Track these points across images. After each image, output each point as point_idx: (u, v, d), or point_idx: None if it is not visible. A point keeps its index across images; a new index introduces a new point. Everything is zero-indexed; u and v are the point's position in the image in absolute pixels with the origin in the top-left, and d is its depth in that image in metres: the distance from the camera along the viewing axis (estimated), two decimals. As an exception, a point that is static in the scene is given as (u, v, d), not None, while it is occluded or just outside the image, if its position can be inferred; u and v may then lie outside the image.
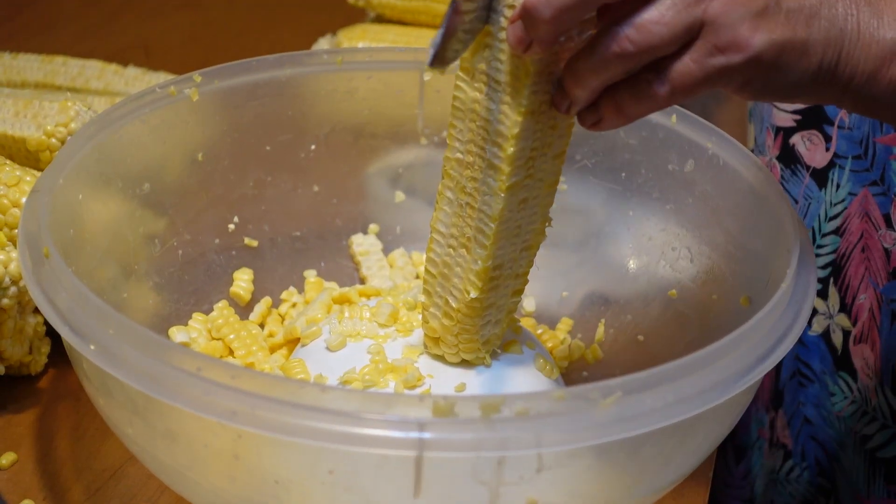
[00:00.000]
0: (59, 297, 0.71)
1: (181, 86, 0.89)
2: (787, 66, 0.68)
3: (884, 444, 0.98)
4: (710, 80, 0.67)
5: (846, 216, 0.96)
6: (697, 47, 0.66)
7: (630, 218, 0.94)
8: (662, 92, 0.67)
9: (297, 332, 0.86)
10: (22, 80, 1.20)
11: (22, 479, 0.84)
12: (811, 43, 0.68)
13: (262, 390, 0.64)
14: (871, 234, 0.94)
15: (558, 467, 0.69)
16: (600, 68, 0.67)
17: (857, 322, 0.97)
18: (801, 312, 0.74)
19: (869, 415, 0.97)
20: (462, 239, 0.76)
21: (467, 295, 0.77)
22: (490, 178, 0.73)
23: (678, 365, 0.67)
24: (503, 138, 0.72)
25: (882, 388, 0.96)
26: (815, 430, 1.02)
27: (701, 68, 0.66)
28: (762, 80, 0.68)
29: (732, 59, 0.66)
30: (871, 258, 0.95)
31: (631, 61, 0.66)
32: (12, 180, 0.89)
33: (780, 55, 0.67)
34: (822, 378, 1.00)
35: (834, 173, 0.96)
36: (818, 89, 0.70)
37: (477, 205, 0.75)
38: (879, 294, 0.95)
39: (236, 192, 0.95)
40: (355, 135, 0.97)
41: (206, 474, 0.71)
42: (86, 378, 0.74)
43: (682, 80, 0.66)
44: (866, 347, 0.96)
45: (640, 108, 0.68)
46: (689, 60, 0.66)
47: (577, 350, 0.93)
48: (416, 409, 0.64)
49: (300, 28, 1.49)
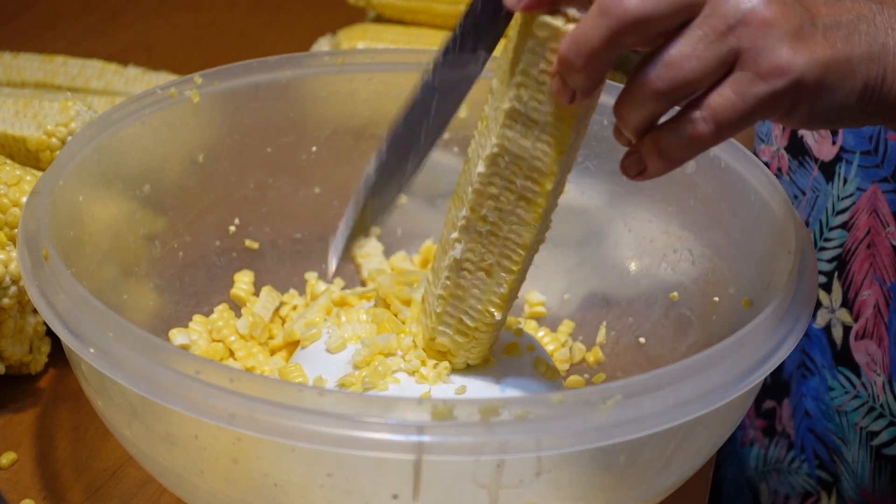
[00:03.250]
0: (57, 299, 0.71)
1: (182, 87, 0.89)
2: (832, 86, 0.65)
3: (890, 440, 0.98)
4: (755, 111, 0.64)
5: (854, 211, 0.95)
6: (737, 78, 0.64)
7: (632, 220, 0.94)
8: (706, 130, 0.64)
9: (297, 334, 0.86)
10: (22, 79, 1.20)
11: (22, 478, 0.84)
12: (854, 60, 0.66)
13: (260, 393, 0.64)
14: (878, 231, 0.94)
15: (558, 471, 0.69)
16: (637, 109, 0.65)
17: (858, 318, 0.96)
18: (803, 315, 0.74)
19: (876, 411, 0.97)
20: (482, 264, 0.76)
21: (491, 316, 0.77)
22: (521, 209, 0.73)
23: (678, 368, 0.67)
24: (541, 174, 0.71)
25: (890, 385, 0.95)
26: (814, 423, 1.02)
27: (744, 100, 0.64)
28: (809, 104, 0.65)
29: (776, 84, 0.64)
30: (878, 255, 0.94)
31: (665, 100, 0.64)
32: (12, 180, 0.89)
33: (825, 75, 0.65)
34: (822, 372, 1.00)
35: (840, 167, 0.96)
36: (866, 110, 0.67)
37: (502, 234, 0.75)
38: (887, 291, 0.94)
39: (237, 193, 0.95)
40: (357, 136, 0.97)
41: (204, 477, 0.71)
42: (84, 380, 0.74)
43: (727, 114, 0.64)
44: (871, 343, 0.96)
45: (684, 150, 0.66)
46: (731, 93, 0.64)
47: (579, 352, 0.93)
48: (415, 412, 0.64)
49: (300, 28, 1.49)
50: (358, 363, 0.79)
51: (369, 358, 0.79)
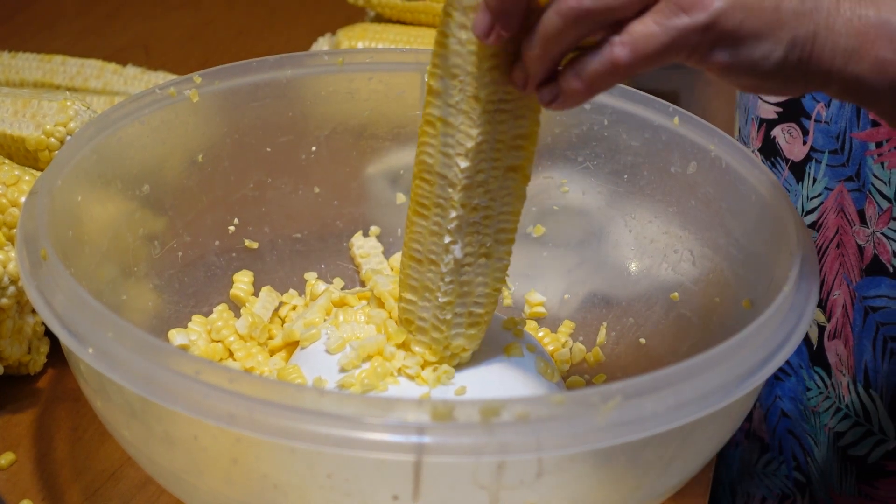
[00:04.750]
0: (56, 299, 0.71)
1: (181, 87, 0.89)
2: (755, 33, 0.65)
3: (855, 441, 0.98)
4: (673, 43, 0.65)
5: (822, 211, 0.96)
6: (659, 8, 0.65)
7: (632, 220, 0.93)
8: (623, 55, 0.65)
9: (296, 334, 0.86)
10: (21, 79, 1.20)
11: (21, 479, 0.84)
12: (783, 11, 0.66)
13: (260, 394, 0.64)
14: (845, 230, 0.94)
15: (558, 471, 0.69)
16: (559, 32, 0.66)
17: (831, 317, 0.97)
18: (804, 316, 0.74)
19: (842, 411, 0.97)
20: (481, 251, 0.78)
21: (497, 293, 0.79)
22: (511, 179, 0.76)
23: (679, 369, 0.67)
24: (524, 138, 0.74)
25: (854, 385, 0.96)
26: (793, 425, 1.01)
27: (664, 30, 0.64)
28: (729, 48, 0.66)
29: (696, 18, 0.64)
30: (846, 254, 0.94)
31: (588, 21, 0.65)
32: (11, 179, 0.89)
33: (747, 19, 0.65)
34: (799, 372, 1.00)
35: (811, 167, 0.96)
36: (798, 69, 0.67)
37: (495, 212, 0.76)
38: (853, 291, 0.95)
39: (236, 193, 0.95)
40: (356, 136, 0.97)
41: (203, 478, 0.71)
42: (83, 380, 0.74)
43: (644, 42, 0.65)
44: (839, 343, 0.96)
45: (600, 75, 0.66)
46: (651, 21, 0.65)
47: (579, 353, 0.93)
48: (416, 413, 0.63)
49: (300, 27, 1.50)
50: (344, 365, 0.79)
51: (356, 361, 0.79)
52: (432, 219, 0.77)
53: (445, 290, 0.78)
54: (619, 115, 0.92)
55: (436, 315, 0.79)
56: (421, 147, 0.76)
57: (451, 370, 0.80)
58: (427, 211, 0.77)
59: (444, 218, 0.76)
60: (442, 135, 0.74)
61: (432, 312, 0.79)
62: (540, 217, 0.97)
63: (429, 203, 0.76)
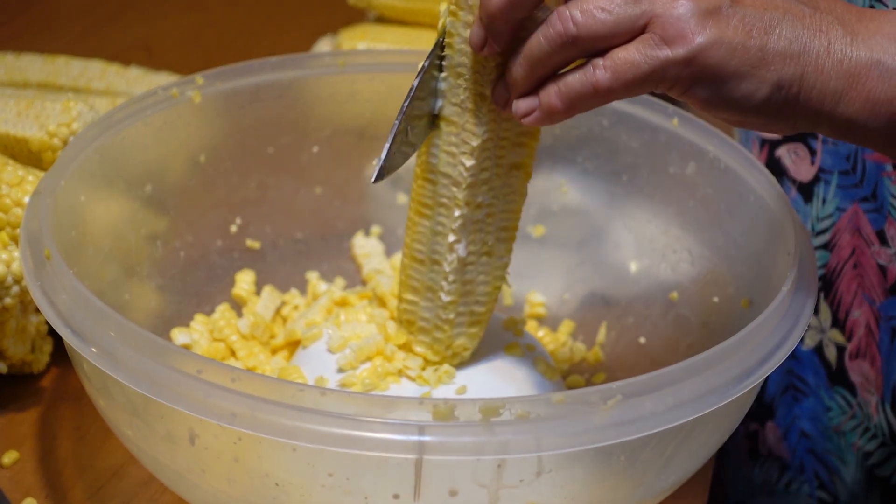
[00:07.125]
0: (59, 298, 0.71)
1: (183, 88, 0.89)
2: (738, 72, 0.66)
3: (882, 461, 0.97)
4: (654, 73, 0.66)
5: (835, 231, 0.95)
6: (644, 39, 0.66)
7: (631, 220, 0.94)
8: (604, 78, 0.66)
9: (298, 334, 0.86)
10: (24, 80, 1.20)
11: (24, 477, 0.84)
12: (769, 52, 0.66)
13: (262, 393, 0.64)
14: (863, 251, 0.93)
15: (558, 470, 0.69)
16: (545, 56, 0.67)
17: (852, 337, 0.96)
18: (802, 315, 0.74)
19: (870, 431, 0.97)
20: (483, 249, 0.78)
21: (497, 291, 0.80)
22: (514, 176, 0.77)
23: (678, 368, 0.67)
24: (528, 136, 0.75)
25: (883, 405, 0.95)
26: (813, 444, 1.01)
27: (645, 60, 0.65)
28: (710, 85, 0.66)
29: (676, 51, 0.65)
30: (865, 274, 0.93)
31: (574, 48, 0.66)
32: (15, 180, 0.89)
33: (730, 58, 0.65)
34: (818, 392, 0.99)
35: (819, 188, 0.95)
36: (786, 110, 0.68)
37: (498, 209, 0.77)
38: (877, 311, 0.94)
39: (238, 193, 0.95)
40: (357, 137, 0.97)
41: (205, 476, 0.71)
42: (86, 379, 0.74)
43: (626, 69, 0.66)
44: (865, 363, 0.95)
45: (580, 96, 0.67)
46: (634, 49, 0.66)
47: (579, 353, 0.94)
48: (417, 412, 0.64)
49: (301, 28, 1.49)
50: (343, 366, 0.80)
51: (354, 363, 0.80)
52: (435, 218, 0.77)
53: (449, 290, 0.78)
54: (619, 116, 0.92)
55: (438, 315, 0.79)
56: (423, 147, 0.76)
57: (452, 370, 0.80)
58: (430, 211, 0.77)
59: (448, 217, 0.77)
60: (446, 134, 0.75)
61: (435, 312, 0.79)
62: (540, 217, 0.97)
63: (432, 203, 0.77)
